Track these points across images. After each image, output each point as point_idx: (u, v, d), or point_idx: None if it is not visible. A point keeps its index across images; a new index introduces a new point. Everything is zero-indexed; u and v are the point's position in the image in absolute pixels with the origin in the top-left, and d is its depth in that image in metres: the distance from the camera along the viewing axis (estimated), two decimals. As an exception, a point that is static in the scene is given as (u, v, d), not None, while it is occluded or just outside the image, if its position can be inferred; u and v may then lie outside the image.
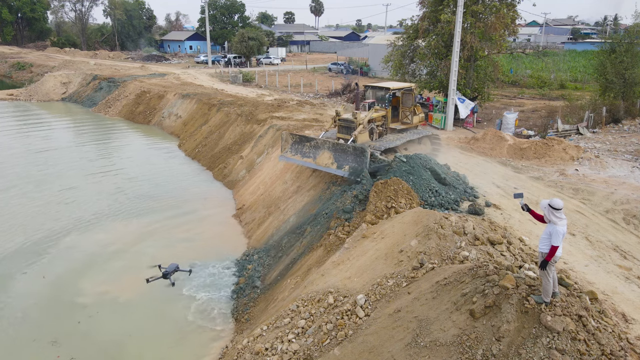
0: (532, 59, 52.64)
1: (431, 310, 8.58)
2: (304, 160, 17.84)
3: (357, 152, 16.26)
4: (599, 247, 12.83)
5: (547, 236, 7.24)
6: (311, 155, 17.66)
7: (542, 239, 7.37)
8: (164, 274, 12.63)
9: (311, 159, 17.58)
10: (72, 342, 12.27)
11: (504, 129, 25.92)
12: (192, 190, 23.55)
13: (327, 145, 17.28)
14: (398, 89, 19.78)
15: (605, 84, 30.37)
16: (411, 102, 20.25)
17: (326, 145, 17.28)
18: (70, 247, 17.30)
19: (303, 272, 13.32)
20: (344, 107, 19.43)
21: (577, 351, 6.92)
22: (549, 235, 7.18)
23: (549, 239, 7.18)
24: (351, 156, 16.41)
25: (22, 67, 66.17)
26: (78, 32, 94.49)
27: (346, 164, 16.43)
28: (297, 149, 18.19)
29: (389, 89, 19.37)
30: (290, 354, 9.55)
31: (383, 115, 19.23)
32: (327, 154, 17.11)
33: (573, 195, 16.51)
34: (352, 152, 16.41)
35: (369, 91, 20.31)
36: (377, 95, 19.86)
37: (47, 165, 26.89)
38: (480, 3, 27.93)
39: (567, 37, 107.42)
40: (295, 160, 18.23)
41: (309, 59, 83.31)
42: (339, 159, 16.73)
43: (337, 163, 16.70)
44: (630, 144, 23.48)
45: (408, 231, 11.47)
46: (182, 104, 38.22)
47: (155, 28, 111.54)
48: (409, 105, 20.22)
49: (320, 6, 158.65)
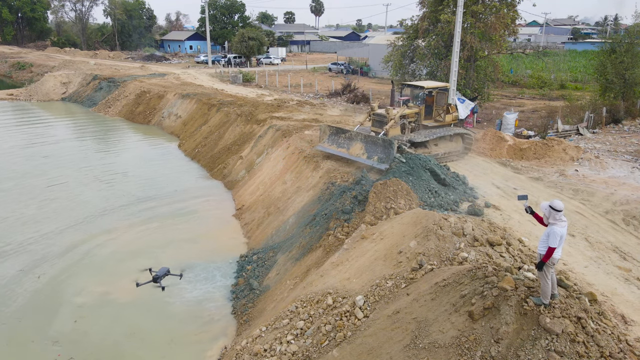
0: (532, 59, 52.58)
1: (430, 311, 8.56)
2: (338, 150, 19.28)
3: (386, 143, 17.56)
4: (599, 248, 12.80)
5: (546, 237, 7.23)
6: (345, 146, 19.17)
7: (541, 241, 7.35)
8: (154, 277, 12.50)
9: (345, 149, 19.05)
10: (70, 342, 12.24)
11: (503, 130, 25.88)
12: (192, 190, 23.51)
13: (359, 137, 18.80)
14: (433, 87, 20.78)
15: (606, 84, 30.35)
16: (445, 101, 21.20)
17: (359, 137, 18.80)
18: (68, 247, 17.25)
19: (302, 272, 13.29)
20: (378, 104, 21.23)
21: (576, 353, 6.90)
22: (547, 237, 7.17)
23: (548, 240, 7.16)
24: (380, 147, 17.73)
25: (22, 67, 66.16)
26: (78, 32, 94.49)
27: (375, 154, 17.76)
28: (334, 140, 19.71)
29: (423, 88, 20.56)
30: (289, 355, 9.54)
31: (416, 112, 20.33)
32: (359, 145, 18.59)
33: (573, 196, 16.49)
34: (381, 144, 17.74)
35: (406, 89, 21.66)
36: (413, 93, 21.17)
37: (46, 164, 26.85)
38: (480, 3, 27.90)
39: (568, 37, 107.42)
40: (331, 150, 19.58)
41: (309, 59, 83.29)
42: (369, 149, 18.10)
43: (367, 154, 18.07)
44: (630, 144, 23.45)
45: (407, 232, 11.45)
46: (182, 104, 38.20)
47: (155, 28, 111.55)
48: (442, 104, 21.13)
49: (320, 6, 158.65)
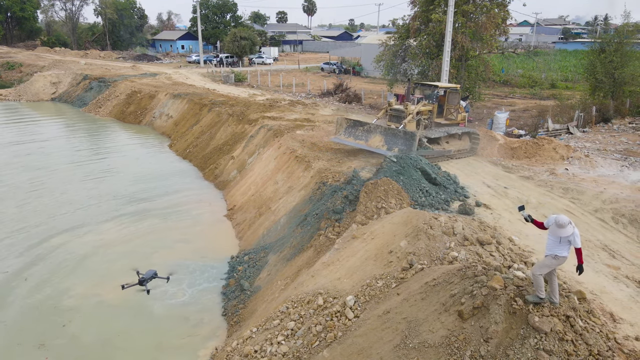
0: (523, 59, 52.76)
1: (420, 311, 8.55)
2: (356, 142, 19.95)
3: (407, 136, 18.31)
4: (588, 246, 12.86)
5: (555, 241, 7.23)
6: (363, 138, 19.82)
7: (548, 245, 7.35)
8: (140, 280, 12.33)
9: (363, 141, 19.71)
10: (57, 346, 12.09)
11: (495, 129, 25.99)
12: (183, 191, 23.37)
13: (379, 129, 19.50)
14: (445, 87, 21.72)
15: (595, 83, 30.58)
16: (457, 100, 21.80)
17: (378, 130, 19.49)
18: (58, 248, 17.06)
19: (293, 273, 13.25)
20: (395, 100, 21.96)
21: (564, 352, 6.92)
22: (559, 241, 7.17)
23: (558, 244, 7.18)
24: (401, 140, 18.47)
25: (11, 67, 65.39)
26: (68, 32, 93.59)
27: (396, 146, 18.46)
28: (351, 132, 20.36)
29: (437, 87, 21.54)
30: (280, 356, 9.48)
31: (429, 110, 20.94)
32: (379, 137, 19.28)
33: (563, 195, 16.57)
34: (403, 137, 18.48)
35: (419, 88, 22.44)
36: (426, 92, 21.95)
37: (35, 166, 26.55)
38: (471, 3, 28.01)
39: (558, 36, 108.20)
40: (348, 142, 20.25)
41: (302, 58, 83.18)
42: (389, 142, 18.82)
43: (387, 145, 18.76)
44: (619, 143, 23.64)
45: (398, 232, 11.44)
46: (174, 104, 37.98)
47: (146, 27, 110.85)
48: (454, 104, 21.71)
49: (312, 6, 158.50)
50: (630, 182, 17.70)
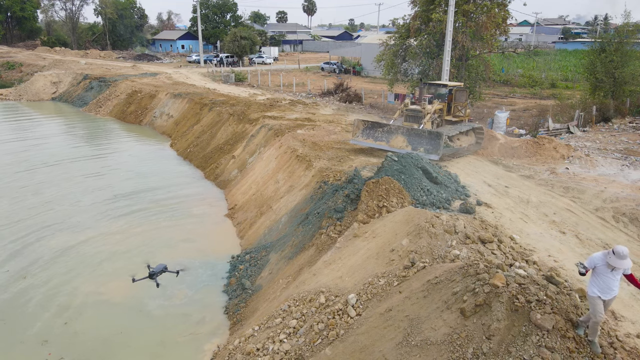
0: (523, 59, 52.90)
1: (422, 309, 8.58)
2: (376, 143, 20.09)
3: (433, 135, 18.50)
4: (589, 245, 12.90)
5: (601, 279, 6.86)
6: (384, 139, 19.98)
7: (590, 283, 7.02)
8: (150, 274, 12.45)
9: (384, 142, 19.86)
10: (61, 343, 12.12)
11: (495, 128, 26.03)
12: (184, 190, 23.40)
13: (401, 130, 19.67)
14: (454, 86, 22.29)
15: (595, 83, 30.62)
16: (464, 98, 22.56)
17: (400, 131, 19.65)
18: (59, 248, 17.08)
19: (294, 271, 13.27)
20: (409, 100, 22.54)
21: (566, 349, 6.95)
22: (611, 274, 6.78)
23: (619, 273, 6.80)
24: (426, 139, 18.69)
25: (11, 67, 65.40)
26: (68, 31, 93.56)
27: (421, 146, 18.64)
28: (369, 133, 20.50)
29: (447, 86, 22.05)
30: (282, 354, 9.51)
31: (440, 109, 21.46)
32: (402, 137, 19.44)
33: (563, 194, 16.61)
34: (427, 136, 18.65)
35: (427, 87, 22.87)
36: (437, 91, 22.30)
37: (36, 165, 26.57)
38: (472, 2, 28.05)
39: (558, 36, 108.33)
40: (367, 144, 20.36)
41: (302, 58, 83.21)
42: (413, 142, 19.01)
43: (411, 146, 18.92)
44: (619, 142, 23.68)
45: (399, 230, 11.47)
46: (174, 103, 38.00)
47: (146, 27, 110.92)
48: (462, 101, 22.36)
49: (312, 5, 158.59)
50: (631, 181, 17.74)
